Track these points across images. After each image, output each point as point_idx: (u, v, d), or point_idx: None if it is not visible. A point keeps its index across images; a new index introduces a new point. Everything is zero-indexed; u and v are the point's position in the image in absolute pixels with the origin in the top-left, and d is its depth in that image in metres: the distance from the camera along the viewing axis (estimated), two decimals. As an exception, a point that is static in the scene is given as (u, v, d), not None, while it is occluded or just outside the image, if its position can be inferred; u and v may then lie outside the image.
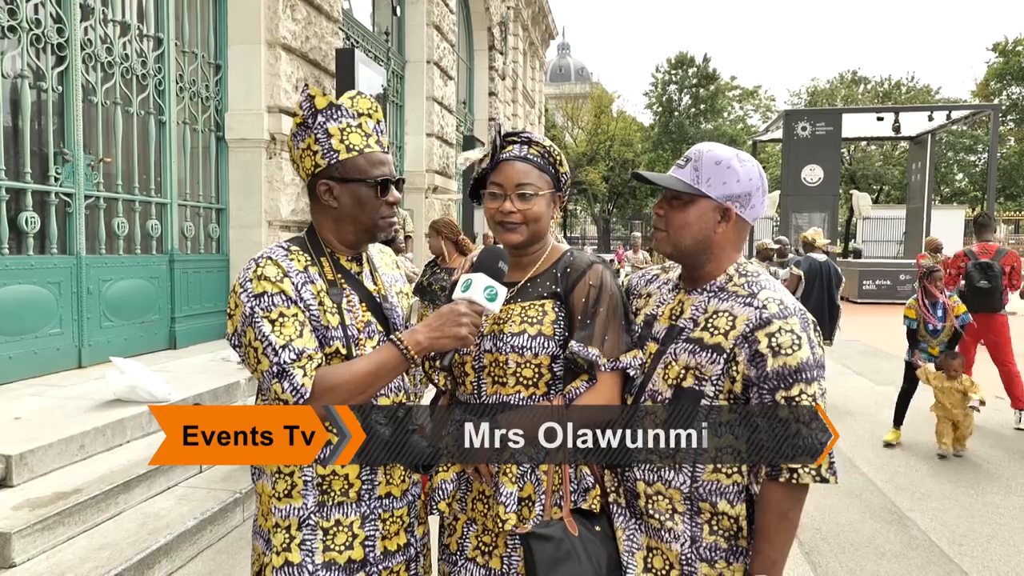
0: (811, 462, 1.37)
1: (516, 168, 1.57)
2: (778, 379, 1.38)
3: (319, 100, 1.50)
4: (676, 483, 1.47)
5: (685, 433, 1.44)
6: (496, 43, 16.19)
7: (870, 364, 9.09)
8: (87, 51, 5.03)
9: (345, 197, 1.51)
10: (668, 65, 44.53)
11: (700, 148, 1.52)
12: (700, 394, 1.44)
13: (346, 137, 1.50)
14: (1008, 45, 35.32)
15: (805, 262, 7.07)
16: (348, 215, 1.53)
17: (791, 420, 1.37)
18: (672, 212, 1.52)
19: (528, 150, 1.60)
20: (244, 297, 1.43)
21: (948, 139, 35.22)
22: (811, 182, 18.03)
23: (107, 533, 3.14)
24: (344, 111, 1.51)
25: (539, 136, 1.62)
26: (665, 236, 1.54)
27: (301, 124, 1.52)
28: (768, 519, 1.42)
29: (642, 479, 1.50)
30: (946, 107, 20.31)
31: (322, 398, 1.38)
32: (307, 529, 1.49)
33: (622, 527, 1.54)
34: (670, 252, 1.55)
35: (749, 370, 1.40)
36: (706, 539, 1.46)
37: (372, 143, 1.53)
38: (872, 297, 17.21)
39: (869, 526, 3.99)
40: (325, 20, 7.37)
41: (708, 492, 1.46)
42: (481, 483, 1.60)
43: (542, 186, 1.58)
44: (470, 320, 1.42)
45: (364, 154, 1.51)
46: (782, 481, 1.40)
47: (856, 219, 26.91)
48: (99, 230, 5.21)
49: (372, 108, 1.55)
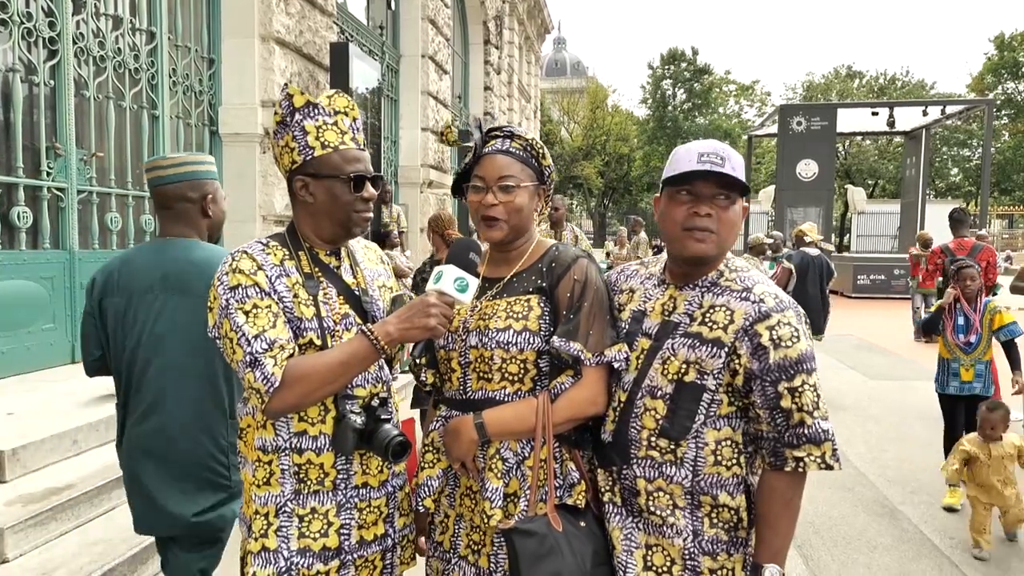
0: (816, 450, 1.41)
1: (498, 161, 1.58)
2: (780, 371, 1.41)
3: (297, 99, 1.54)
4: (678, 478, 1.48)
5: (688, 427, 1.46)
6: (491, 37, 16.15)
7: (863, 359, 9.13)
8: (79, 45, 5.00)
9: (320, 193, 1.54)
10: (660, 61, 44.54)
11: (720, 145, 1.49)
12: (702, 388, 1.46)
13: (322, 134, 1.53)
14: (1005, 39, 35.39)
15: (797, 256, 7.11)
16: (323, 210, 1.56)
17: (794, 410, 1.41)
18: (722, 212, 1.48)
19: (510, 144, 1.61)
20: (221, 290, 1.48)
21: (943, 134, 35.30)
22: (806, 177, 18.06)
23: (100, 529, 3.14)
24: (321, 109, 1.54)
25: (521, 130, 1.63)
26: (715, 239, 1.48)
27: (280, 122, 1.56)
28: (773, 508, 1.45)
29: (642, 476, 1.50)
30: (940, 102, 20.36)
31: (292, 387, 1.42)
32: (284, 516, 1.52)
33: (619, 527, 1.54)
34: (715, 254, 1.51)
35: (752, 363, 1.42)
36: (707, 532, 1.48)
37: (347, 140, 1.56)
38: (866, 292, 17.28)
39: (861, 519, 4.02)
40: (319, 14, 7.34)
41: (709, 485, 1.47)
42: (468, 478, 1.60)
43: (524, 178, 1.59)
44: (439, 311, 1.44)
45: (338, 151, 1.54)
46: (788, 471, 1.43)
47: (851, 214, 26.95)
48: (92, 225, 5.19)
49: (348, 106, 1.58)
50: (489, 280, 1.65)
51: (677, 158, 1.51)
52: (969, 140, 37.14)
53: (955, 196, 36.93)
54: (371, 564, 1.61)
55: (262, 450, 1.53)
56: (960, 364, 4.27)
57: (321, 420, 1.53)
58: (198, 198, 2.13)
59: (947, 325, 4.32)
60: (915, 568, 3.45)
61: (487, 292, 1.63)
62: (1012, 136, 36.18)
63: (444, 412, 1.66)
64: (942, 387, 4.43)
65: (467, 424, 1.54)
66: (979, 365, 4.26)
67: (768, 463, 1.46)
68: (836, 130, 18.83)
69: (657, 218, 1.59)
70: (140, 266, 2.10)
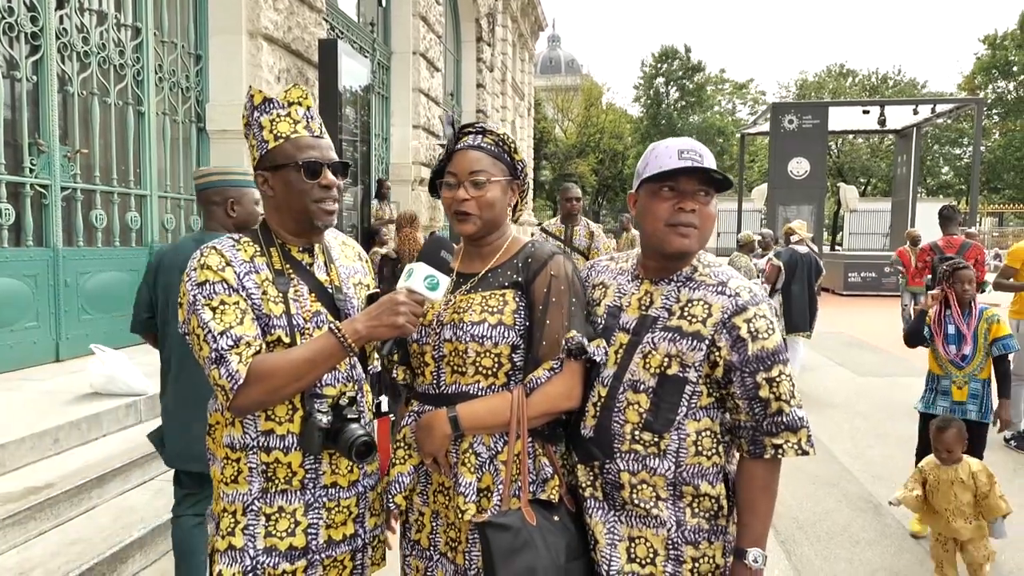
0: (793, 437, 1.46)
1: (469, 156, 1.59)
2: (758, 362, 1.45)
3: (256, 97, 1.55)
4: (661, 470, 1.49)
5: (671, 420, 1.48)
6: (484, 34, 16.12)
7: (853, 355, 9.17)
8: (62, 40, 4.96)
9: (278, 185, 1.54)
10: (653, 59, 44.60)
11: (693, 143, 1.51)
12: (685, 380, 1.48)
13: (275, 127, 1.53)
14: (997, 39, 35.55)
15: (786, 253, 7.13)
16: (283, 202, 1.55)
17: (772, 399, 1.46)
18: (703, 208, 1.50)
19: (482, 139, 1.62)
20: (189, 286, 1.46)
21: (934, 133, 35.49)
22: (798, 175, 18.11)
23: (80, 528, 3.12)
24: (275, 103, 1.54)
25: (493, 126, 1.63)
26: (698, 233, 1.51)
27: (246, 123, 1.57)
28: (753, 494, 1.50)
29: (626, 469, 1.51)
30: (931, 100, 20.50)
31: (258, 384, 1.40)
32: (251, 514, 1.51)
33: (601, 521, 1.54)
34: (697, 249, 1.53)
35: (731, 355, 1.45)
36: (690, 522, 1.50)
37: (300, 128, 1.54)
38: (857, 289, 17.35)
39: (845, 515, 4.03)
40: (308, 10, 7.31)
41: (691, 476, 1.50)
42: (440, 475, 1.59)
43: (495, 173, 1.59)
44: (408, 309, 1.43)
45: (290, 139, 1.53)
46: (767, 458, 1.47)
47: (843, 212, 27.07)
48: (76, 222, 5.16)
49: (302, 96, 1.57)
50: (463, 275, 1.65)
51: (657, 155, 1.52)
52: (960, 139, 37.32)
53: (946, 194, 37.10)
54: (340, 564, 1.59)
55: (230, 447, 1.52)
56: (952, 381, 3.62)
57: (289, 419, 1.51)
58: (221, 201, 2.59)
59: (936, 335, 3.67)
60: (897, 563, 3.46)
61: (462, 287, 1.63)
62: (1002, 135, 36.36)
63: (416, 408, 1.65)
64: (926, 405, 3.72)
65: (440, 418, 1.53)
66: (974, 383, 3.59)
67: (747, 451, 1.50)
68: (828, 128, 18.89)
69: (636, 215, 1.60)
70: (182, 250, 2.50)
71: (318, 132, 1.57)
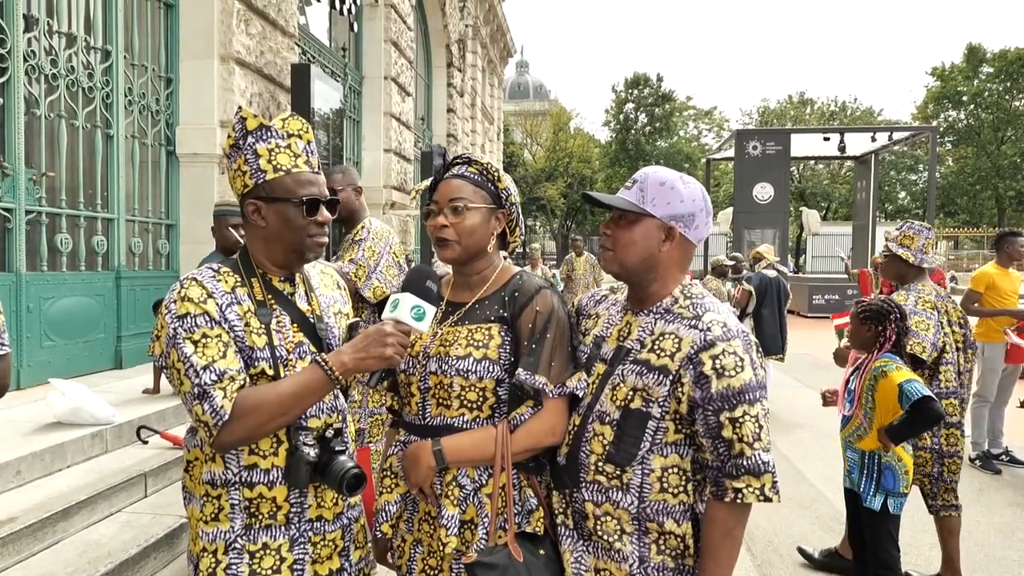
0: (756, 482, 1.40)
1: (451, 184, 1.62)
2: (722, 400, 1.41)
3: (250, 121, 1.50)
4: (624, 503, 1.48)
5: (633, 454, 1.47)
6: (454, 60, 16.27)
7: (819, 376, 9.33)
8: (30, 63, 4.88)
9: (272, 217, 1.51)
10: (625, 85, 45.50)
11: (646, 171, 1.57)
12: (647, 415, 1.47)
13: (274, 157, 1.50)
14: (945, 71, 37.09)
15: (756, 277, 7.26)
16: (276, 235, 1.52)
17: (735, 440, 1.41)
18: (619, 231, 1.56)
19: (466, 169, 1.64)
20: (168, 318, 1.42)
21: (891, 159, 36.70)
22: (762, 200, 18.53)
23: (44, 563, 3.00)
24: (274, 132, 1.51)
25: (479, 156, 1.66)
26: (612, 255, 1.57)
27: (233, 145, 1.53)
28: (713, 537, 1.45)
29: (591, 500, 1.51)
30: (888, 128, 21.19)
31: (243, 419, 1.37)
32: (233, 553, 1.46)
33: (570, 549, 1.54)
34: (617, 271, 1.58)
35: (694, 391, 1.43)
36: (654, 559, 1.48)
37: (300, 163, 1.52)
38: (821, 311, 17.73)
39: (819, 537, 4.08)
40: (280, 35, 7.31)
41: (655, 512, 1.47)
42: (427, 504, 1.59)
43: (476, 200, 1.60)
44: (396, 340, 1.42)
45: (291, 174, 1.50)
46: (727, 501, 1.42)
47: (806, 235, 27.70)
48: (41, 246, 5.03)
49: (303, 129, 1.54)
50: (452, 305, 1.66)
51: None
52: (915, 165, 38.69)
53: (903, 218, 38.21)
54: None
55: (210, 484, 1.48)
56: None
57: (273, 452, 1.48)
58: (215, 228, 3.50)
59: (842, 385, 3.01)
60: (871, 584, 3.50)
61: (449, 317, 1.63)
62: (955, 161, 37.80)
63: (403, 437, 1.65)
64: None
65: (425, 450, 1.53)
66: (851, 452, 2.89)
67: (711, 492, 1.46)
68: (790, 154, 19.41)
69: None
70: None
71: (317, 168, 1.56)
